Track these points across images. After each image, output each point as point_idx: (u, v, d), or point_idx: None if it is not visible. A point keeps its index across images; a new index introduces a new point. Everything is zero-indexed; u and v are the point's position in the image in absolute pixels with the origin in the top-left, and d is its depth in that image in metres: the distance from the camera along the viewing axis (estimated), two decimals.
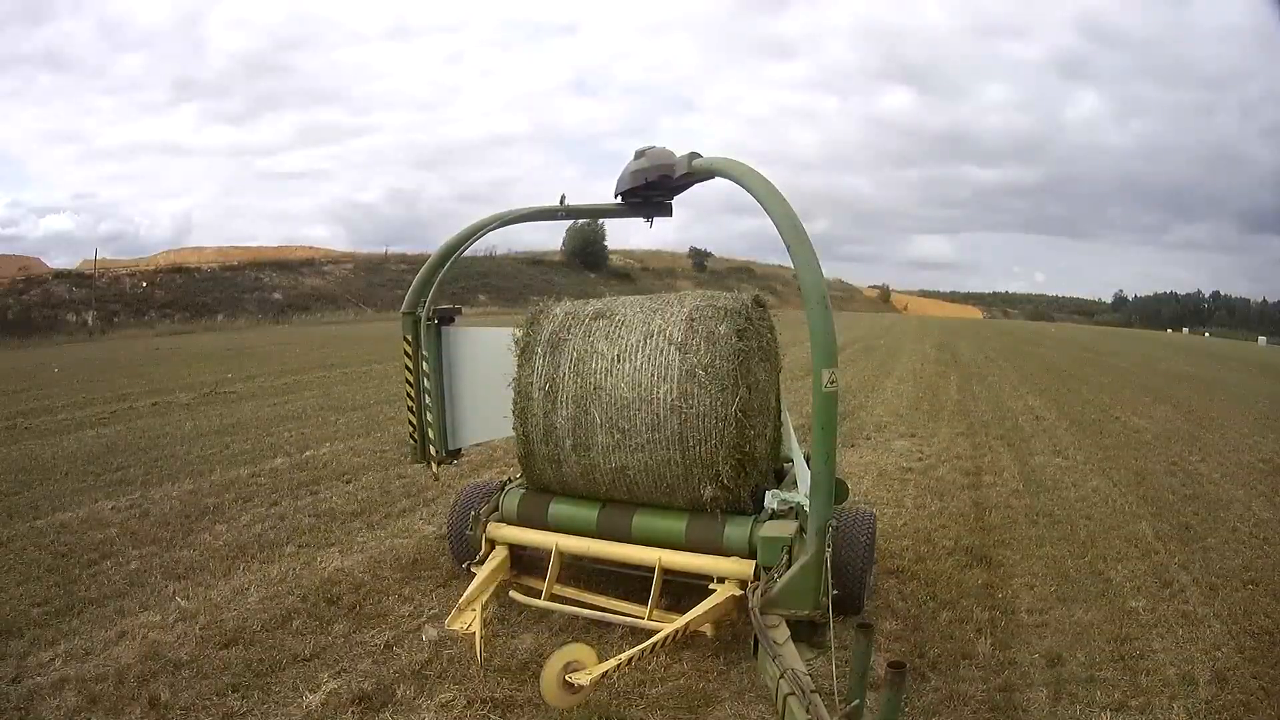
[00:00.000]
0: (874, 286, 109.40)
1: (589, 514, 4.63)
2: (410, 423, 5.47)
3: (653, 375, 4.30)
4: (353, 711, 3.71)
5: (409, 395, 5.41)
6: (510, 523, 4.85)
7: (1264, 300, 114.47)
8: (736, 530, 4.27)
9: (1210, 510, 7.53)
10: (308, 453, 9.20)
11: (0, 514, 6.89)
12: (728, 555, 4.27)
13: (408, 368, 5.36)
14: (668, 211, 5.11)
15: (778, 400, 5.21)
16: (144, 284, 47.09)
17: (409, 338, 5.30)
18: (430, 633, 4.42)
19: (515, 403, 4.66)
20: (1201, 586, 5.47)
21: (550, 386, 4.53)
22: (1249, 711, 3.89)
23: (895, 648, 4.40)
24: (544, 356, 4.59)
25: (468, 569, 4.71)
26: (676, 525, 4.42)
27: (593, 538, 4.62)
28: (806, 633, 3.73)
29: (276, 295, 49.64)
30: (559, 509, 4.74)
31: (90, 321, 40.95)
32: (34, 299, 42.71)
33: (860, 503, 6.72)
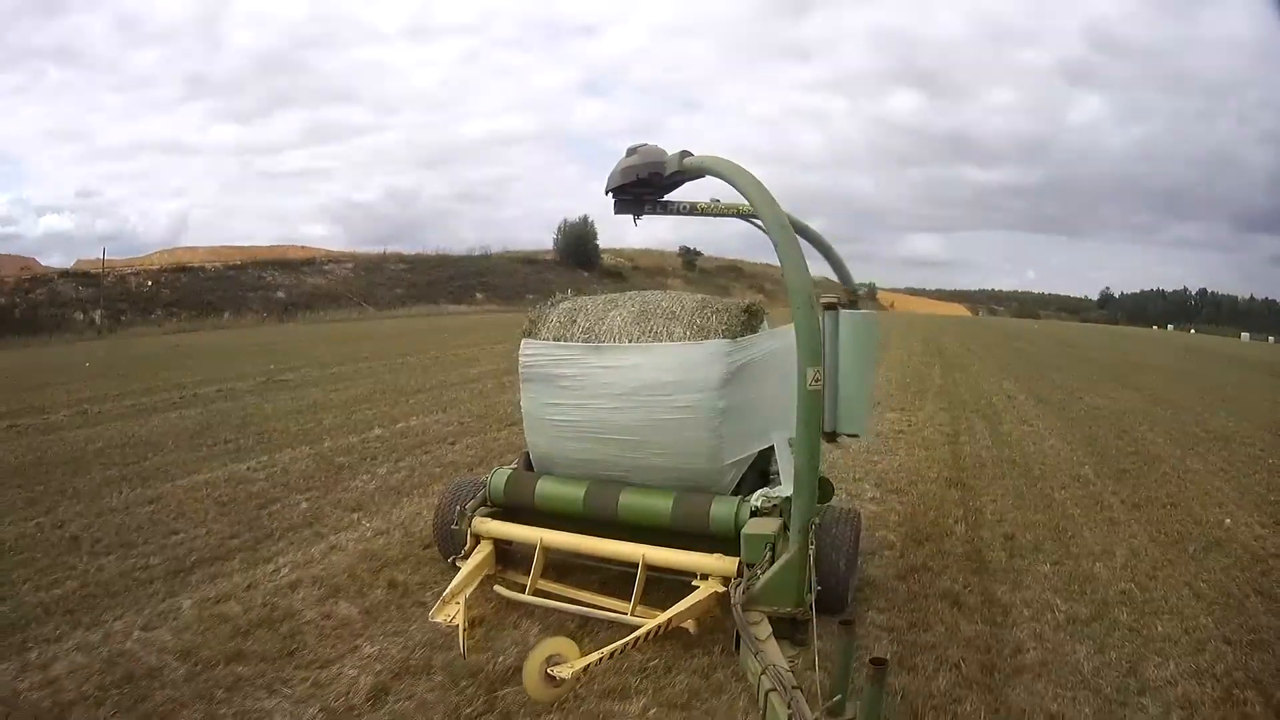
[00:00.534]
0: (861, 284, 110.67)
1: (576, 492, 4.68)
2: None
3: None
4: None
5: None
6: (497, 501, 4.95)
7: (1251, 297, 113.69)
8: (723, 509, 4.33)
9: (1147, 462, 9.17)
10: (399, 425, 10.40)
11: (134, 478, 7.73)
12: (713, 534, 4.32)
13: None
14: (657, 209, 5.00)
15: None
16: (149, 283, 47.91)
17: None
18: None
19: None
20: (1127, 505, 7.14)
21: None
22: (1154, 573, 5.49)
23: (901, 531, 6.02)
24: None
25: (453, 563, 4.78)
26: (663, 503, 4.45)
27: (579, 516, 4.65)
28: (789, 630, 3.77)
29: (280, 294, 50.54)
30: (546, 487, 4.80)
31: (98, 320, 41.74)
32: (40, 298, 43.50)
33: (857, 481, 7.87)
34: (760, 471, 4.80)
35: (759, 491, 4.43)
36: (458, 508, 4.93)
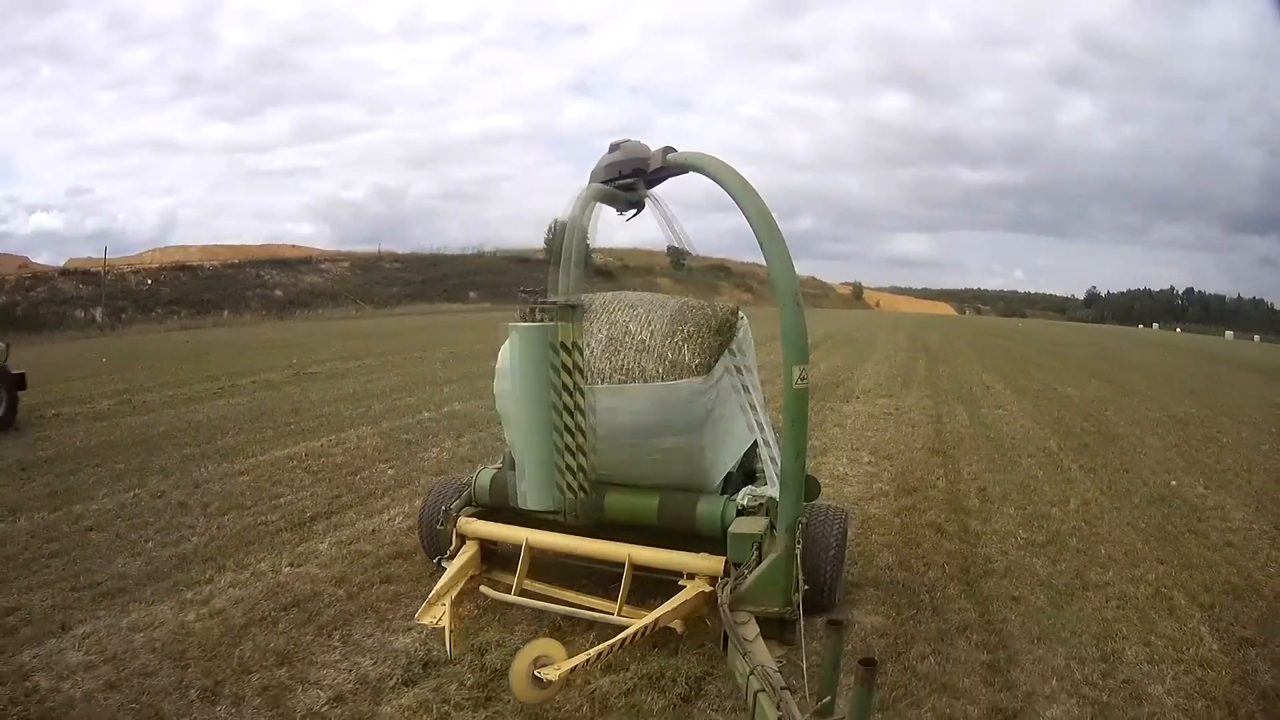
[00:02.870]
0: (846, 283, 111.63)
1: None
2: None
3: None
4: None
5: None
6: (482, 501, 4.89)
7: (1239, 296, 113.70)
8: (708, 508, 4.30)
9: (1107, 439, 10.38)
10: (445, 409, 11.15)
11: (213, 455, 8.35)
12: (700, 533, 4.29)
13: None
14: (639, 205, 4.68)
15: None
16: (148, 281, 48.48)
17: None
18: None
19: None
20: (1084, 470, 8.33)
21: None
22: (1101, 515, 6.68)
23: (893, 484, 7.22)
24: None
25: (438, 564, 4.76)
26: (649, 502, 4.42)
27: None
28: (776, 629, 3.74)
29: (278, 292, 51.23)
30: None
31: (99, 318, 42.24)
32: (40, 296, 44.01)
33: (855, 450, 9.28)
34: (747, 471, 4.79)
35: (745, 489, 4.41)
36: (443, 508, 4.89)
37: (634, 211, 4.56)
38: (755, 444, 4.78)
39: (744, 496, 4.32)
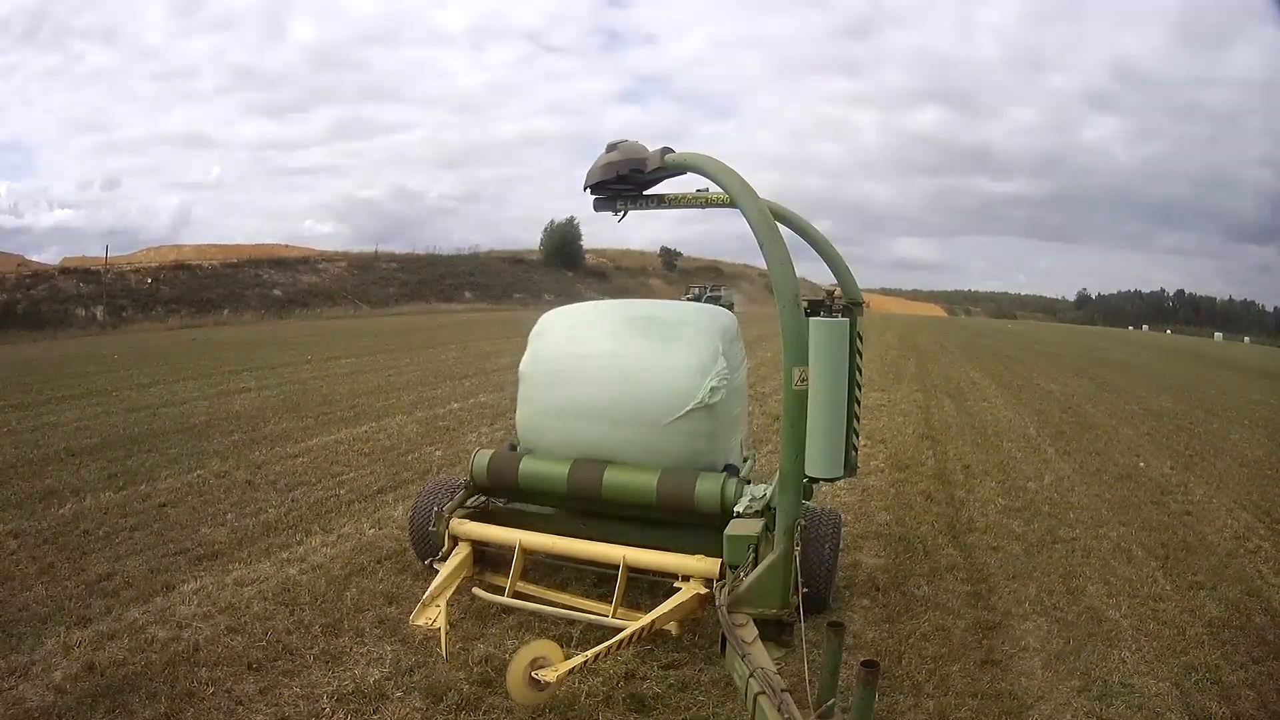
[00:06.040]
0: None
1: (559, 470, 4.63)
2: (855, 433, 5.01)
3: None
4: None
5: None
6: (480, 482, 4.89)
7: (1230, 299, 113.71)
8: (708, 485, 4.30)
9: (1084, 427, 11.24)
10: (471, 400, 11.84)
11: (263, 441, 8.82)
12: (699, 510, 4.30)
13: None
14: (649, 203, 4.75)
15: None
16: (149, 280, 48.86)
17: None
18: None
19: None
20: (1060, 453, 9.19)
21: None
22: (1072, 489, 7.53)
23: (888, 462, 8.06)
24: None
25: (430, 565, 4.71)
26: (648, 480, 4.41)
27: (563, 495, 4.65)
28: (774, 631, 3.70)
29: (276, 292, 51.67)
30: (530, 466, 4.75)
31: (100, 316, 42.55)
32: (41, 294, 44.32)
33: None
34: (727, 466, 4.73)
35: (742, 487, 4.39)
36: (434, 509, 4.81)
37: (623, 214, 4.68)
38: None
39: (741, 496, 4.29)
